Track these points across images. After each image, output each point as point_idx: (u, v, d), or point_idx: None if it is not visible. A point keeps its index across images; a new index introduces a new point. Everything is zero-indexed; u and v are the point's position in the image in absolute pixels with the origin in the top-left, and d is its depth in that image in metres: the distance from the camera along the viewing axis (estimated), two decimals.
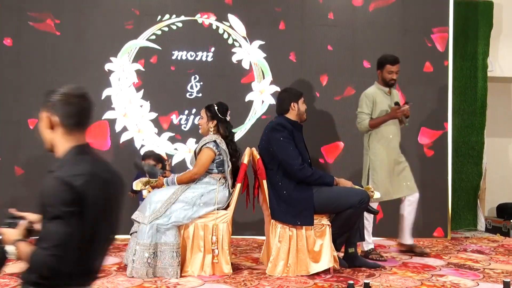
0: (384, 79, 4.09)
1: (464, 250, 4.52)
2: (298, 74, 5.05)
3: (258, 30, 5.06)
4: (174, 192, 3.41)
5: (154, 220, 3.28)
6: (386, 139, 4.06)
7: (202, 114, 3.66)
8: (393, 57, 4.06)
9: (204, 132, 3.65)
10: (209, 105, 3.66)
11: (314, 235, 3.42)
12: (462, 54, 5.84)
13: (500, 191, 6.24)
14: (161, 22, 4.97)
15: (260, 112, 5.03)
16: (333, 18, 5.15)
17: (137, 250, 3.24)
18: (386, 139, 4.06)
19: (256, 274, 3.42)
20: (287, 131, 3.46)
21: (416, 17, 5.22)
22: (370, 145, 4.08)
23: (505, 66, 6.04)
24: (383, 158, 4.04)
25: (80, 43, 4.88)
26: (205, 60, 5.01)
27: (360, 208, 3.42)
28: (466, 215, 5.90)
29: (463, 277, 3.42)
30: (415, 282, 3.27)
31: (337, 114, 5.09)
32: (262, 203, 3.65)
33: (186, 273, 3.33)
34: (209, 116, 3.60)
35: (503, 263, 3.95)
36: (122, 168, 4.78)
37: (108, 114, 4.88)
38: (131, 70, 4.92)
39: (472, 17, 5.84)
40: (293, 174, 3.41)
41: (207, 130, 3.62)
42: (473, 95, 5.87)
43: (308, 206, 3.39)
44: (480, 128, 5.89)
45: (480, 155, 5.91)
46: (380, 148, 4.04)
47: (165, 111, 4.94)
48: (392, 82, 4.09)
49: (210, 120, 3.60)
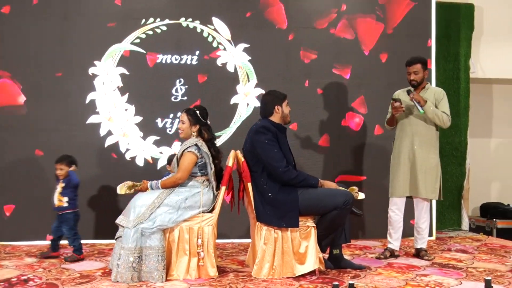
0: (407, 79, 4.14)
1: (449, 250, 4.56)
2: (283, 77, 5.07)
3: (243, 33, 5.07)
4: (159, 196, 3.40)
5: (139, 224, 3.26)
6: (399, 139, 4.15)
7: (182, 119, 3.62)
8: (409, 59, 4.12)
9: (186, 137, 3.63)
10: (188, 109, 3.65)
11: (299, 237, 3.42)
12: (445, 56, 5.93)
13: (483, 191, 6.34)
14: (146, 25, 4.96)
15: (245, 115, 5.04)
16: (318, 21, 5.18)
17: (122, 254, 3.22)
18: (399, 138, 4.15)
19: (242, 276, 3.41)
20: (271, 133, 3.46)
21: (399, 20, 5.28)
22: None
23: (486, 68, 6.13)
24: (395, 157, 4.17)
25: (63, 47, 4.85)
26: (190, 63, 5.00)
27: (345, 209, 3.42)
28: (450, 215, 5.97)
29: (446, 276, 3.46)
30: (400, 282, 3.29)
31: (322, 116, 5.13)
32: (247, 205, 3.65)
33: (171, 277, 3.31)
34: (191, 120, 3.59)
35: (486, 262, 4.00)
36: (107, 172, 4.81)
37: (92, 118, 4.86)
38: (116, 74, 4.90)
39: (454, 19, 5.93)
40: (278, 176, 3.42)
41: (189, 135, 3.61)
42: (456, 96, 5.95)
43: (293, 208, 3.39)
44: (463, 129, 5.97)
45: (463, 156, 5.99)
46: (395, 147, 4.20)
47: (150, 114, 4.92)
48: (413, 82, 4.07)
49: (193, 125, 3.59)
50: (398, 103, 3.99)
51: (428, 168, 4.04)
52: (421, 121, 4.06)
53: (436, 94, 4.10)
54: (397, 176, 4.10)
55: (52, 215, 4.16)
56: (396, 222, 4.12)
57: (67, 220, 4.01)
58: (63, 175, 4.06)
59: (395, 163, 4.15)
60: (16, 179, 4.73)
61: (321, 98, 5.14)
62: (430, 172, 4.04)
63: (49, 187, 4.74)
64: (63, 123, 4.82)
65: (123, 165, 4.87)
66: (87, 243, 4.68)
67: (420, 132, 4.06)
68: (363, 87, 5.23)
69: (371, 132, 5.22)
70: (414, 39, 5.27)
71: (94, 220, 4.77)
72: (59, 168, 4.07)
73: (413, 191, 4.07)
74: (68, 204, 4.02)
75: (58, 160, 4.09)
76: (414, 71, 4.06)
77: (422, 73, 4.07)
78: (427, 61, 4.16)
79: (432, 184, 4.05)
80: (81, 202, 4.74)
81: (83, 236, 4.70)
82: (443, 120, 3.99)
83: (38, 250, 4.29)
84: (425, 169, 4.03)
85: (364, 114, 5.21)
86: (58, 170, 4.08)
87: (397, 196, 4.10)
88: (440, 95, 4.09)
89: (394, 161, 4.18)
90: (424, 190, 4.03)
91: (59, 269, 3.60)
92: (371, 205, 4.95)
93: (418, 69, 4.06)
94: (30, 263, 3.80)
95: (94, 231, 4.76)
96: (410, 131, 4.08)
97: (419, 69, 4.06)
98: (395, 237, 4.14)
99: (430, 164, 4.05)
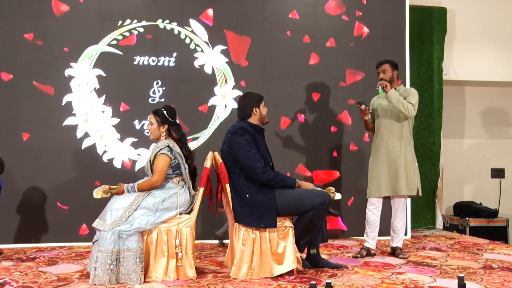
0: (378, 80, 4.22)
1: (423, 248, 4.64)
2: (261, 78, 5.11)
3: (220, 35, 5.09)
4: (135, 198, 3.37)
5: (116, 227, 3.24)
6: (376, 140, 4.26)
7: (151, 120, 3.60)
8: (379, 61, 4.26)
9: (155, 138, 3.61)
10: (156, 110, 3.62)
11: (277, 237, 3.43)
12: (419, 59, 6.03)
13: (457, 190, 6.48)
14: (122, 27, 4.93)
15: (223, 116, 5.05)
16: (294, 23, 5.23)
17: (99, 257, 3.18)
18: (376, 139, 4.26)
19: (221, 277, 3.42)
20: (248, 134, 3.48)
21: (375, 22, 5.37)
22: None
23: (459, 70, 6.26)
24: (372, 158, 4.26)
25: (39, 48, 4.79)
26: (167, 65, 4.99)
27: (322, 209, 3.45)
28: (425, 214, 6.07)
29: (421, 274, 3.52)
30: (376, 280, 3.34)
31: (300, 116, 5.19)
32: (225, 206, 3.66)
33: (150, 279, 3.30)
34: (159, 121, 3.56)
35: (459, 259, 4.08)
36: (84, 175, 4.77)
37: (69, 120, 4.81)
38: (92, 76, 4.86)
39: (427, 23, 6.04)
40: (256, 177, 3.44)
41: (158, 136, 3.59)
42: (430, 98, 6.05)
43: (271, 208, 3.41)
44: (437, 130, 6.08)
45: (437, 156, 6.09)
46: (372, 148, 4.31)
47: (127, 116, 4.90)
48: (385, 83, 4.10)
49: (161, 125, 3.57)
50: (364, 106, 4.09)
51: (407, 165, 4.11)
52: (395, 121, 4.14)
53: (407, 91, 4.19)
54: (375, 176, 4.17)
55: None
56: (373, 222, 4.18)
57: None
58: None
59: (373, 164, 4.23)
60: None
61: (299, 99, 5.19)
62: (409, 169, 4.12)
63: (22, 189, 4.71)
64: (39, 125, 4.76)
65: (101, 167, 4.83)
66: (64, 245, 4.64)
67: (395, 131, 4.14)
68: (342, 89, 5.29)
69: (348, 133, 5.28)
70: (388, 42, 5.36)
71: (71, 223, 4.71)
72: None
73: (392, 190, 4.13)
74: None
75: None
76: (382, 70, 4.17)
77: (391, 72, 4.15)
78: (396, 62, 4.25)
79: (411, 181, 4.12)
80: (57, 205, 4.72)
81: (60, 238, 4.68)
82: (407, 107, 4.02)
83: (14, 254, 4.24)
84: (403, 167, 4.10)
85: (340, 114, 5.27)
86: None
87: (375, 196, 4.17)
88: (410, 91, 4.17)
89: (372, 162, 4.26)
90: (404, 187, 4.10)
91: (36, 272, 3.55)
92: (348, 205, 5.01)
93: (386, 68, 4.16)
94: (7, 266, 3.74)
95: (71, 233, 4.70)
96: (385, 131, 4.17)
97: (387, 68, 4.16)
98: (371, 236, 4.20)
99: (407, 161, 4.12)
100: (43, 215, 4.72)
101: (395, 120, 4.15)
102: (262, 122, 3.65)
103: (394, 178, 4.11)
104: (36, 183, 4.72)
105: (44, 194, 4.73)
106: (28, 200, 4.70)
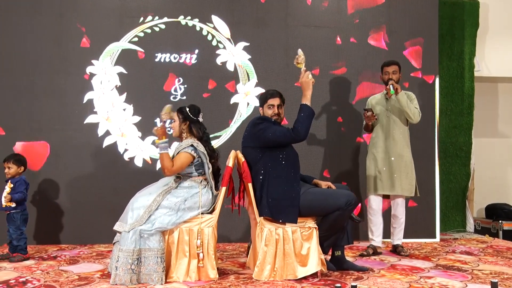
0: (383, 80, 4.35)
1: (453, 252, 4.49)
2: (284, 75, 5.00)
3: (243, 31, 5.00)
4: (155, 198, 3.34)
5: (137, 226, 3.20)
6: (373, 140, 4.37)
7: (174, 118, 3.61)
8: (387, 61, 4.37)
9: (177, 135, 3.60)
10: (180, 108, 3.62)
11: (301, 238, 3.36)
12: (449, 54, 5.87)
13: (489, 192, 6.26)
14: (144, 24, 4.90)
15: (245, 114, 4.97)
16: (318, 19, 5.12)
17: (120, 256, 3.16)
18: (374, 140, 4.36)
19: (243, 279, 3.35)
20: (266, 121, 3.47)
21: (404, 16, 5.21)
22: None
23: (491, 66, 6.07)
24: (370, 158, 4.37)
25: (60, 46, 4.79)
26: (189, 62, 4.94)
27: (347, 210, 3.37)
28: (454, 216, 5.91)
29: (451, 279, 3.38)
30: (403, 284, 3.22)
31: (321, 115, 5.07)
32: (248, 206, 3.59)
33: (171, 279, 3.26)
34: (181, 118, 3.56)
35: (492, 264, 3.92)
36: (105, 173, 4.75)
37: (90, 118, 4.80)
38: (114, 73, 4.84)
39: (458, 17, 5.88)
40: (292, 141, 3.42)
41: (179, 132, 3.58)
42: (460, 95, 5.89)
43: (293, 204, 3.35)
44: (467, 129, 5.91)
45: (468, 156, 5.92)
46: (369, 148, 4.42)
47: (148, 114, 4.85)
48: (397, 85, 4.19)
49: (182, 122, 3.56)
50: (370, 113, 4.23)
51: (403, 166, 4.22)
52: (393, 123, 4.26)
53: (408, 95, 4.29)
54: (373, 175, 4.29)
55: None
56: (375, 220, 4.30)
57: (14, 220, 3.95)
58: (11, 174, 4.02)
59: (370, 163, 4.34)
60: None
61: (321, 97, 5.06)
62: (405, 170, 4.23)
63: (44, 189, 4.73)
64: (59, 123, 4.75)
65: (121, 166, 4.80)
66: (85, 245, 4.63)
67: (393, 133, 4.25)
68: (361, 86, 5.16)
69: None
70: (418, 37, 5.21)
71: (92, 222, 4.70)
72: (7, 167, 4.02)
73: (390, 189, 4.23)
74: (16, 204, 3.96)
75: (6, 159, 4.05)
76: (392, 70, 4.26)
77: (398, 74, 4.29)
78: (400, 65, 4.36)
79: (408, 182, 4.23)
80: (78, 203, 4.71)
81: (82, 238, 4.68)
82: (414, 112, 4.18)
83: (36, 253, 4.24)
84: (400, 167, 4.21)
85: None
86: (6, 169, 4.02)
87: (374, 194, 4.29)
88: (411, 96, 4.30)
89: (369, 161, 4.37)
90: (400, 188, 4.21)
91: (58, 271, 3.54)
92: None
93: (396, 69, 4.27)
94: (28, 265, 3.75)
95: (92, 232, 4.69)
96: (383, 132, 4.28)
97: (397, 69, 4.28)
98: (376, 234, 4.31)
99: (404, 162, 4.23)
100: (63, 214, 4.72)
101: (392, 121, 4.26)
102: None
103: (391, 178, 4.21)
104: (56, 182, 4.73)
105: (64, 193, 4.73)
106: (48, 198, 4.70)
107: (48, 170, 4.71)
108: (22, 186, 3.99)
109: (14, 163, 4.03)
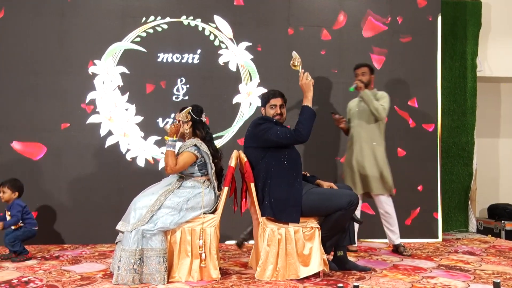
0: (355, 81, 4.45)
1: (455, 252, 4.48)
2: (286, 75, 4.99)
3: (245, 31, 5.00)
4: (158, 198, 3.34)
5: (140, 226, 3.20)
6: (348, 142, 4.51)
7: (176, 118, 3.62)
8: (357, 64, 4.47)
9: (180, 135, 3.60)
10: (183, 108, 3.62)
11: (303, 238, 3.36)
12: (451, 54, 5.86)
13: (491, 192, 6.25)
14: (146, 24, 4.91)
15: (247, 114, 4.97)
16: (320, 19, 5.11)
17: (123, 256, 3.16)
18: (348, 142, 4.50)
19: (245, 278, 3.35)
20: (268, 121, 3.48)
21: (406, 16, 5.21)
22: None
23: (494, 66, 6.05)
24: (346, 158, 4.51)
25: (62, 46, 4.79)
26: (192, 62, 4.94)
27: (349, 210, 3.36)
28: (457, 216, 5.90)
29: (453, 279, 3.37)
30: (406, 284, 3.22)
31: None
32: (250, 206, 3.59)
33: (173, 279, 3.26)
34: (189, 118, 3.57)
35: (494, 264, 3.91)
36: (108, 172, 4.75)
37: (92, 118, 4.80)
38: (116, 73, 4.84)
39: (461, 16, 5.86)
40: (295, 143, 3.43)
41: (182, 132, 3.58)
42: (463, 96, 5.88)
43: (296, 203, 3.35)
44: (470, 129, 5.90)
45: (470, 156, 5.91)
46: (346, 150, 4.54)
47: (151, 114, 4.85)
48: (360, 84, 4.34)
49: (185, 122, 3.56)
50: (337, 115, 4.43)
51: (378, 165, 4.32)
52: (366, 123, 4.36)
53: (379, 94, 4.41)
54: (349, 176, 4.39)
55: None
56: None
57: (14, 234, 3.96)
58: (4, 199, 3.99)
59: (346, 164, 4.47)
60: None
61: (321, 97, 5.06)
62: (379, 169, 4.32)
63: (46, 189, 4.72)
64: (62, 123, 4.76)
65: (124, 166, 4.81)
66: (87, 245, 4.64)
67: (366, 133, 4.36)
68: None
69: None
70: (420, 37, 5.20)
71: (95, 222, 4.70)
72: (1, 191, 4.00)
73: (364, 188, 4.34)
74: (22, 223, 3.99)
75: (1, 183, 4.02)
76: (362, 72, 4.39)
77: (369, 76, 4.39)
78: (373, 67, 4.49)
79: (385, 180, 4.31)
80: (80, 203, 4.72)
81: (84, 238, 4.68)
82: (377, 108, 4.27)
83: (38, 252, 4.24)
84: (374, 167, 4.31)
85: None
86: (1, 193, 4.00)
87: None
88: (383, 95, 4.40)
89: (345, 161, 4.51)
90: (377, 187, 4.31)
91: (60, 271, 3.54)
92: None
93: (365, 71, 4.39)
94: (31, 265, 3.75)
95: (94, 232, 4.69)
96: (357, 133, 4.39)
97: (366, 71, 4.39)
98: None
99: (378, 161, 4.32)
100: (66, 214, 4.72)
101: (365, 122, 4.36)
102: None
103: (366, 178, 4.30)
104: (59, 181, 4.73)
105: (66, 192, 4.73)
106: (51, 198, 4.71)
107: (50, 170, 4.72)
108: (14, 209, 3.96)
109: (9, 188, 4.00)
